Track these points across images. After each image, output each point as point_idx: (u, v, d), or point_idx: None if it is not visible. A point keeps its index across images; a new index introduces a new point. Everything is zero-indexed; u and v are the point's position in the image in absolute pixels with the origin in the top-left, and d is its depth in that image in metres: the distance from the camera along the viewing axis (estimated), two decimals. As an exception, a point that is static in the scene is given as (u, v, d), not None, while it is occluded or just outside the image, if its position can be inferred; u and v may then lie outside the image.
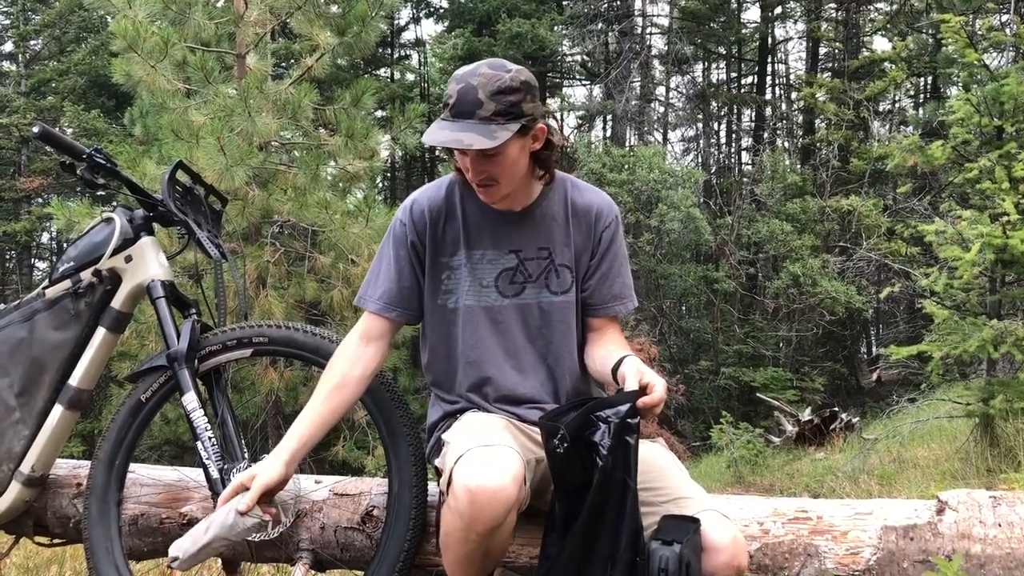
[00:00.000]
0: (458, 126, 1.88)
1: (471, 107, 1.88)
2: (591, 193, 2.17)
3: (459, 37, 22.23)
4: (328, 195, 8.37)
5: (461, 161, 1.96)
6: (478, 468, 1.73)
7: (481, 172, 1.94)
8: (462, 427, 1.98)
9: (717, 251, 19.54)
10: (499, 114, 1.87)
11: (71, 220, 7.65)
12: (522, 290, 2.10)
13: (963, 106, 6.68)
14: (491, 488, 1.70)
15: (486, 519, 1.71)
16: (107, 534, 2.21)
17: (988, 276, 6.43)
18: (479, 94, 1.88)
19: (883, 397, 14.72)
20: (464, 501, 1.71)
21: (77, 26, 24.14)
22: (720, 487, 10.00)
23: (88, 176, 2.25)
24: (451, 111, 1.90)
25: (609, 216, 2.15)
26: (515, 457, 1.78)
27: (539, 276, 2.10)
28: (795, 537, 2.00)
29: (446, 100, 1.92)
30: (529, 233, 2.10)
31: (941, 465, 6.98)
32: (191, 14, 7.99)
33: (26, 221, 21.63)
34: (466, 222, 2.09)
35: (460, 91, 1.89)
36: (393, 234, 2.11)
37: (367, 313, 2.09)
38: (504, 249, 2.09)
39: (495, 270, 2.09)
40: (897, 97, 24.16)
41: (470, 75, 1.91)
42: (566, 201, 2.13)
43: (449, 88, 1.92)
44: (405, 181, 28.47)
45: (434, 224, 2.08)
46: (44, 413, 2.30)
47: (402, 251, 2.09)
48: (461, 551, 1.80)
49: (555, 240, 2.11)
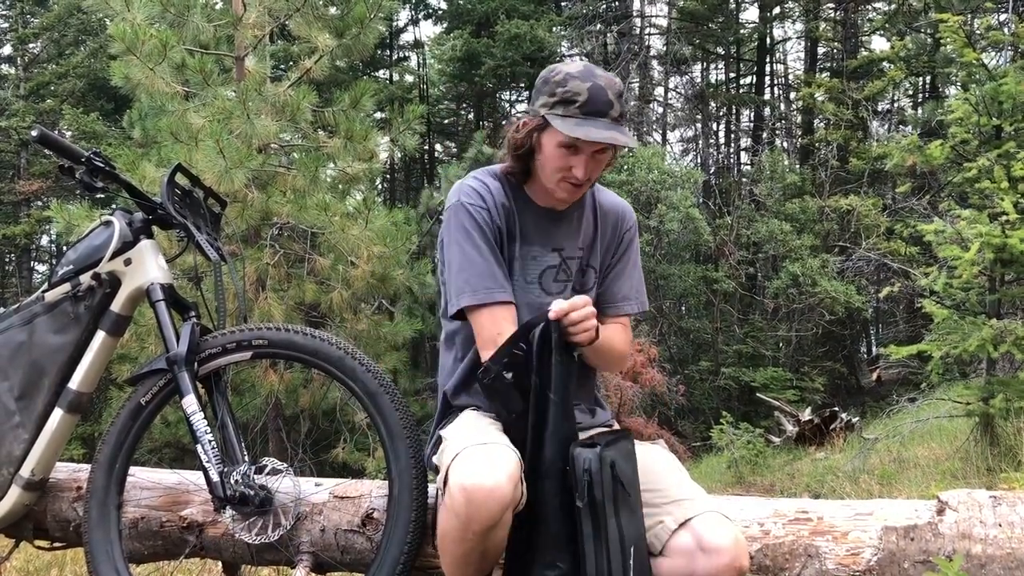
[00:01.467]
0: (600, 124, 1.91)
1: (605, 108, 1.92)
2: (613, 196, 2.24)
3: (458, 38, 22.23)
4: (327, 197, 8.36)
5: (562, 160, 1.97)
6: (474, 467, 1.73)
7: (590, 172, 1.98)
8: (460, 425, 1.99)
9: (716, 251, 19.53)
10: (622, 116, 1.94)
11: (70, 223, 7.64)
12: (564, 288, 2.13)
13: (962, 105, 6.68)
14: (487, 487, 1.70)
15: (482, 518, 1.71)
16: (107, 537, 2.21)
17: (987, 275, 6.43)
18: (608, 95, 1.93)
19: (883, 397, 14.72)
20: (460, 500, 1.71)
21: (76, 29, 24.12)
22: (721, 487, 10.00)
23: (87, 179, 2.25)
24: (582, 109, 1.92)
25: (631, 219, 2.22)
26: (512, 456, 1.78)
27: (575, 274, 2.15)
28: (796, 538, 2.00)
29: (571, 97, 1.92)
30: (570, 233, 2.14)
31: (941, 465, 6.98)
32: (190, 16, 8.00)
33: (25, 224, 21.62)
34: (520, 216, 2.10)
35: (592, 90, 1.92)
36: (473, 219, 2.04)
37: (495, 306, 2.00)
38: (548, 247, 2.12)
39: (539, 267, 2.12)
40: (896, 97, 24.14)
41: (592, 75, 1.94)
42: (594, 203, 2.19)
43: (572, 85, 1.93)
44: (404, 183, 28.46)
45: (498, 210, 2.08)
46: (44, 417, 2.30)
47: (487, 234, 2.04)
48: (458, 550, 1.80)
49: (589, 241, 2.16)
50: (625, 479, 1.80)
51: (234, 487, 2.08)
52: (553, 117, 1.93)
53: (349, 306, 8.68)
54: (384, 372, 2.16)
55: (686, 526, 1.81)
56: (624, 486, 1.79)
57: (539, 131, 2.00)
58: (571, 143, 1.94)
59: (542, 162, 2.02)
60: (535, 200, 2.11)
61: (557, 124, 1.92)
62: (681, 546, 1.80)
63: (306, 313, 8.94)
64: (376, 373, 2.14)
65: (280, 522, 2.16)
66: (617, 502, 1.78)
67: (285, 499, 2.18)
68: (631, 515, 1.80)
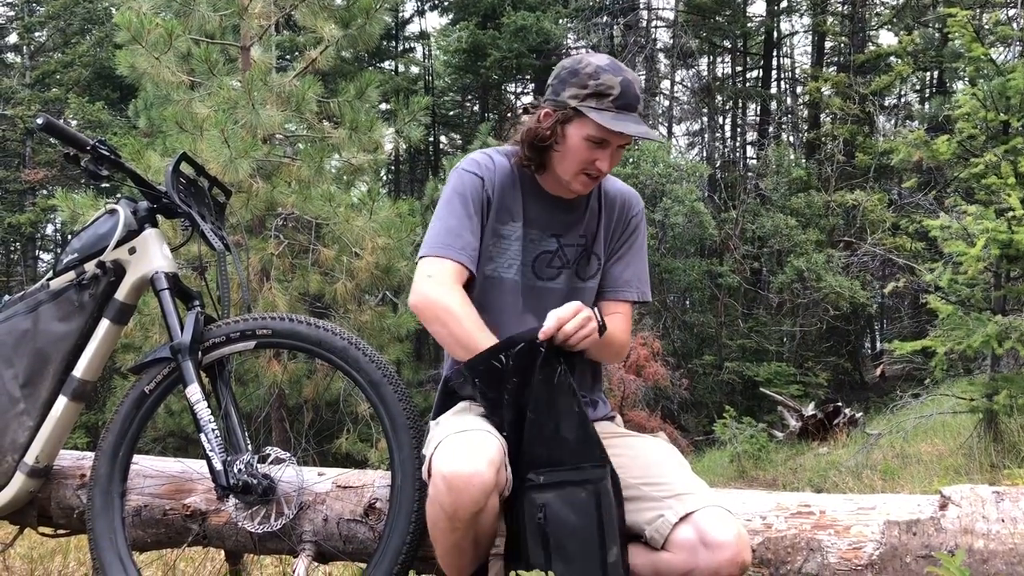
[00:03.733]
0: (632, 119, 1.94)
1: (635, 102, 1.95)
2: (620, 184, 2.24)
3: (463, 30, 22.20)
4: (332, 188, 8.37)
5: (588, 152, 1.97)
6: (454, 454, 1.73)
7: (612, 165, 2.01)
8: (447, 416, 2.00)
9: (721, 245, 19.51)
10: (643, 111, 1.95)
11: (75, 212, 7.66)
12: (558, 275, 2.13)
13: (969, 101, 6.64)
14: (466, 473, 1.70)
15: (466, 504, 1.70)
16: (111, 525, 2.22)
17: (993, 271, 6.40)
18: (636, 90, 1.95)
19: (887, 392, 14.69)
20: (442, 489, 1.72)
21: (82, 18, 24.12)
22: (723, 481, 10.00)
23: (92, 168, 2.25)
24: (616, 103, 1.93)
25: (637, 206, 2.22)
26: (492, 441, 1.77)
27: (573, 262, 2.14)
28: (798, 531, 2.00)
29: (605, 91, 1.93)
30: (572, 221, 2.14)
31: (944, 461, 6.97)
32: (195, 6, 8.00)
33: (30, 213, 21.64)
34: (525, 197, 2.11)
35: (624, 84, 1.94)
36: (466, 186, 2.06)
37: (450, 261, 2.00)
38: (548, 232, 2.12)
39: (535, 251, 2.12)
40: (903, 92, 24.04)
41: (620, 69, 1.96)
42: (600, 191, 2.18)
43: (604, 78, 1.94)
44: (409, 174, 28.44)
45: (502, 186, 2.09)
46: (48, 404, 2.31)
47: (475, 205, 2.05)
48: (449, 540, 1.80)
49: (592, 229, 2.15)
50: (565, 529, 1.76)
51: (237, 476, 2.09)
52: (588, 110, 1.93)
53: (353, 297, 8.69)
54: (388, 362, 2.16)
55: (688, 520, 1.80)
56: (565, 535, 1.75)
57: (565, 123, 1.98)
58: (601, 137, 1.94)
59: (563, 153, 2.00)
60: (544, 187, 2.11)
61: (595, 117, 1.91)
62: (683, 540, 1.80)
63: (310, 303, 8.96)
64: (379, 363, 2.14)
65: (283, 511, 2.17)
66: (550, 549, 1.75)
67: (288, 488, 2.18)
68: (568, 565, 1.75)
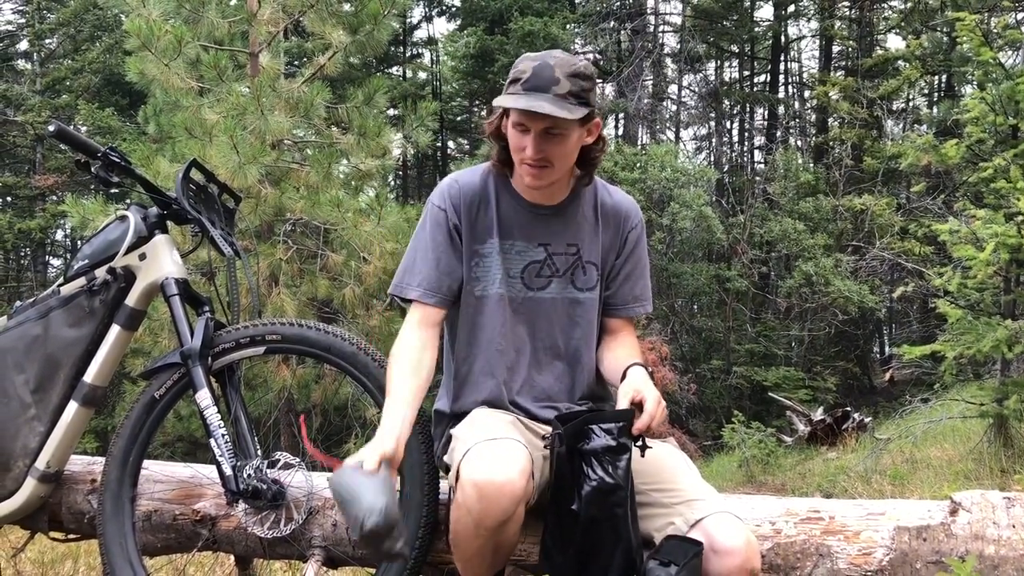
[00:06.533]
0: (542, 98, 1.88)
1: (547, 83, 1.90)
2: (619, 195, 2.20)
3: (471, 35, 22.22)
4: (340, 193, 8.38)
5: (518, 140, 1.95)
6: (485, 462, 1.74)
7: (541, 151, 1.93)
8: (469, 423, 1.98)
9: (729, 250, 19.46)
10: (572, 95, 1.90)
11: (85, 218, 7.69)
12: (548, 284, 2.10)
13: (978, 105, 6.62)
14: (498, 481, 1.70)
15: (495, 512, 1.71)
16: (121, 530, 2.23)
17: (1002, 276, 6.38)
18: (556, 72, 1.90)
19: (896, 397, 14.63)
20: (472, 495, 1.71)
21: (92, 25, 24.23)
22: (732, 487, 9.97)
23: (103, 174, 2.26)
24: (524, 85, 1.91)
25: (636, 218, 2.18)
26: (522, 450, 1.78)
27: (566, 271, 2.11)
28: (807, 537, 1.99)
29: (516, 76, 1.93)
30: (559, 229, 2.11)
31: (954, 466, 6.93)
32: (205, 12, 8.03)
33: (41, 218, 21.71)
34: (500, 211, 2.09)
35: (536, 68, 1.91)
36: (431, 218, 2.08)
37: (414, 301, 2.04)
38: (534, 242, 2.10)
39: (523, 262, 2.09)
40: (911, 96, 23.98)
41: (546, 56, 1.94)
42: (596, 201, 2.15)
43: (521, 65, 1.93)
44: (417, 179, 28.51)
45: (469, 208, 2.08)
46: (59, 409, 2.32)
47: (440, 235, 2.06)
48: (471, 546, 1.80)
49: (584, 237, 2.12)
50: None
51: (247, 481, 2.10)
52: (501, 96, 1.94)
53: (361, 302, 8.70)
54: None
55: (697, 527, 1.80)
56: None
57: (504, 117, 2.01)
58: (517, 120, 1.93)
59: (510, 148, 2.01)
60: (522, 195, 2.10)
61: (499, 99, 1.93)
62: (693, 547, 1.80)
63: (319, 309, 8.97)
64: (388, 369, 2.14)
65: (292, 516, 2.17)
66: None
67: (297, 493, 2.19)
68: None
